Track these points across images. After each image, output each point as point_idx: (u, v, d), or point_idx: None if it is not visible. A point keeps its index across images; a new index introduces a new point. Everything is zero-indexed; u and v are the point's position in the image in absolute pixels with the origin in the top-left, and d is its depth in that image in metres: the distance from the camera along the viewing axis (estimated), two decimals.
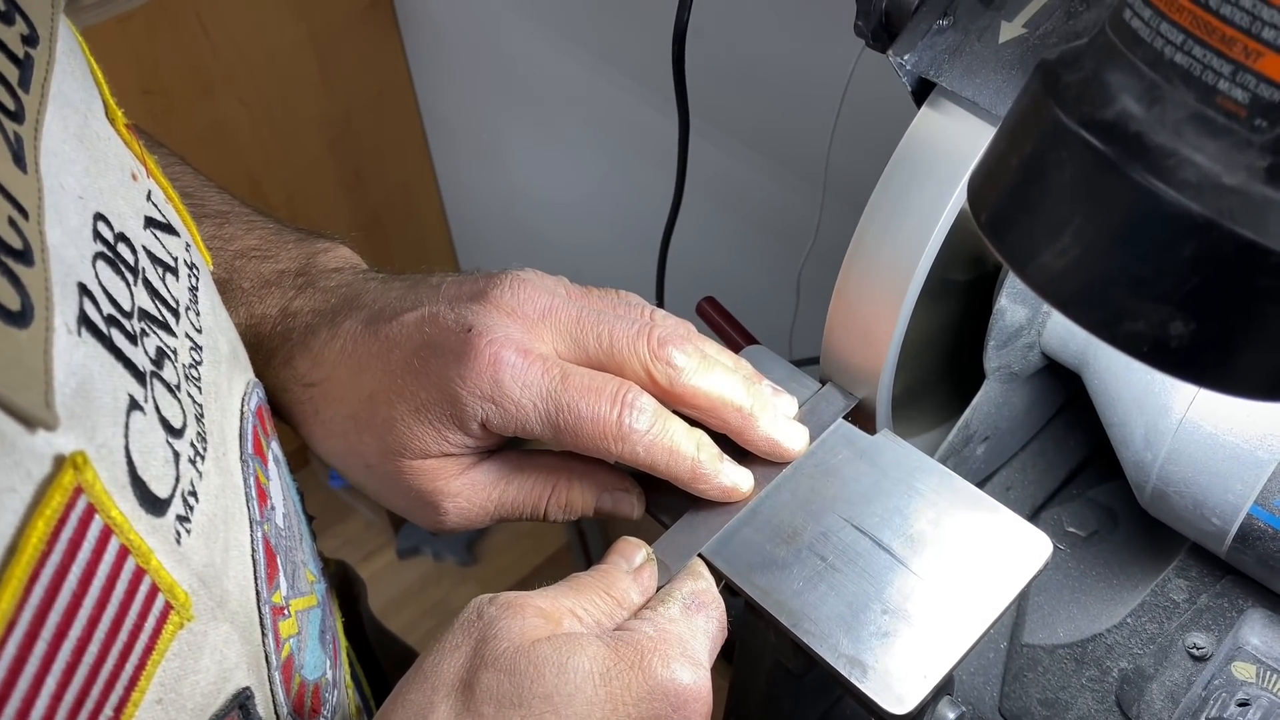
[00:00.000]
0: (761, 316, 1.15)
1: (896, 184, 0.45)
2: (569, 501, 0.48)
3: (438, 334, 0.45)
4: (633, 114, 1.27)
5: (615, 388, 0.44)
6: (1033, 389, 0.58)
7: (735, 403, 0.46)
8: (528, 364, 0.44)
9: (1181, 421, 0.43)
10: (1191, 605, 0.50)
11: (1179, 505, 0.45)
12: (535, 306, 0.45)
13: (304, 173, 1.78)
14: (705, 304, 0.73)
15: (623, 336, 0.45)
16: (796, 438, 0.48)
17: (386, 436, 0.45)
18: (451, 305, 0.46)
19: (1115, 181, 0.28)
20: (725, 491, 0.46)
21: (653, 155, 1.23)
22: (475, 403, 0.43)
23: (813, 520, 0.46)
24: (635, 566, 0.44)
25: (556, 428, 0.44)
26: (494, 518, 0.48)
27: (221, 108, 1.64)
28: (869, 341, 0.48)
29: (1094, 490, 0.64)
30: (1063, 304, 0.30)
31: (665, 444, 0.44)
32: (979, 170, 0.33)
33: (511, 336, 0.44)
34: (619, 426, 0.43)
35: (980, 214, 0.32)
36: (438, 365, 0.44)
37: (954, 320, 0.58)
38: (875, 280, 0.46)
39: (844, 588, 0.44)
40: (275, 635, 0.40)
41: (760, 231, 1.17)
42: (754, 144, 1.12)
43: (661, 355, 0.45)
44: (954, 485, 0.46)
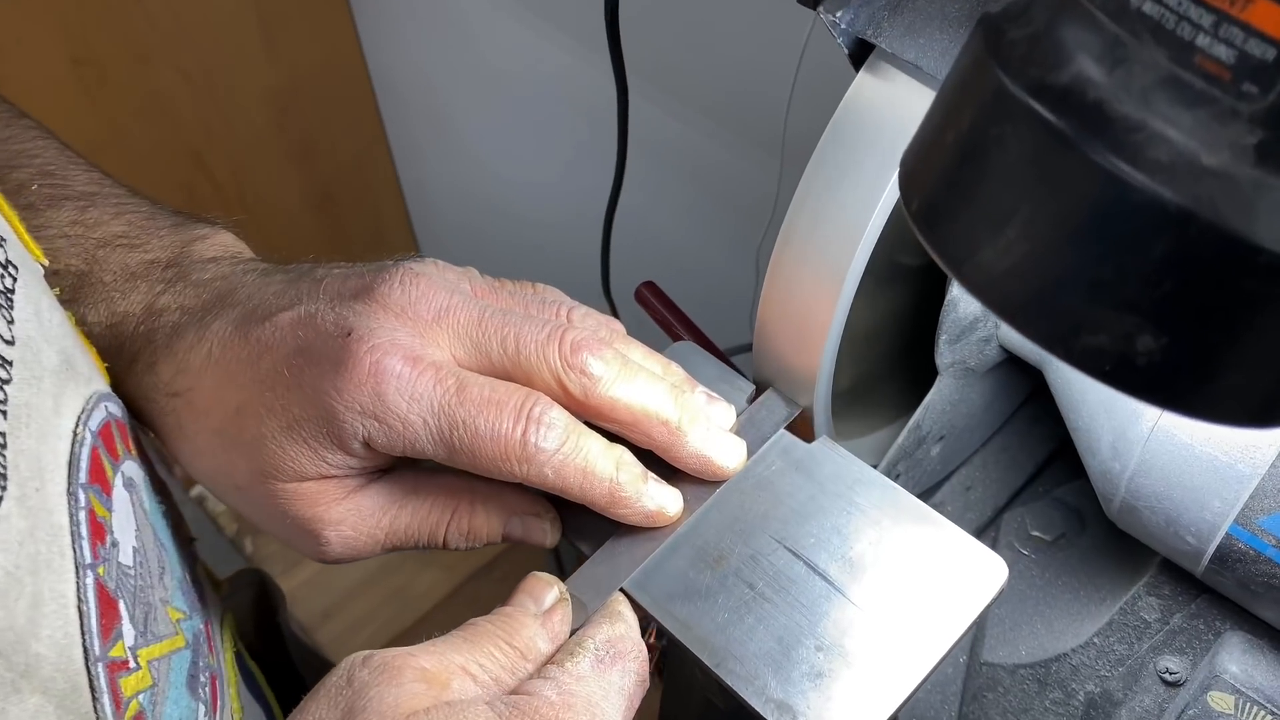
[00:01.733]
0: (719, 297, 1.10)
1: (832, 159, 0.40)
2: (472, 528, 0.42)
3: (313, 338, 0.39)
4: (578, 78, 1.20)
5: (520, 400, 0.38)
6: (992, 383, 0.53)
7: (661, 415, 0.41)
8: (416, 374, 0.38)
9: (1153, 430, 0.38)
10: (1164, 626, 0.45)
11: (1150, 521, 0.40)
12: (430, 305, 0.40)
13: (249, 146, 1.71)
14: (644, 289, 0.67)
15: (531, 341, 0.39)
16: (731, 453, 0.42)
17: (256, 456, 0.39)
18: (332, 304, 0.40)
19: (1070, 162, 0.22)
20: (649, 516, 0.41)
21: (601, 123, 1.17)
22: (355, 419, 0.38)
23: (741, 542, 0.41)
24: (545, 608, 0.38)
25: (451, 447, 0.38)
26: (386, 547, 0.42)
27: (159, 78, 1.56)
28: (805, 336, 0.42)
29: (1061, 489, 0.59)
30: (1007, 312, 0.24)
31: (578, 464, 0.39)
32: (911, 150, 0.27)
33: (398, 341, 0.38)
34: (523, 445, 0.38)
35: (911, 201, 0.27)
36: (312, 375, 0.38)
37: (904, 308, 0.52)
38: (810, 267, 0.41)
39: (774, 620, 0.39)
40: (114, 695, 0.35)
41: (716, 205, 1.11)
42: (704, 109, 1.06)
43: (575, 362, 0.39)
44: (898, 500, 0.41)
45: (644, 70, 1.02)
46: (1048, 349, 0.24)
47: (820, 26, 0.87)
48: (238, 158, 1.71)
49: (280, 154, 1.75)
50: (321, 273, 0.42)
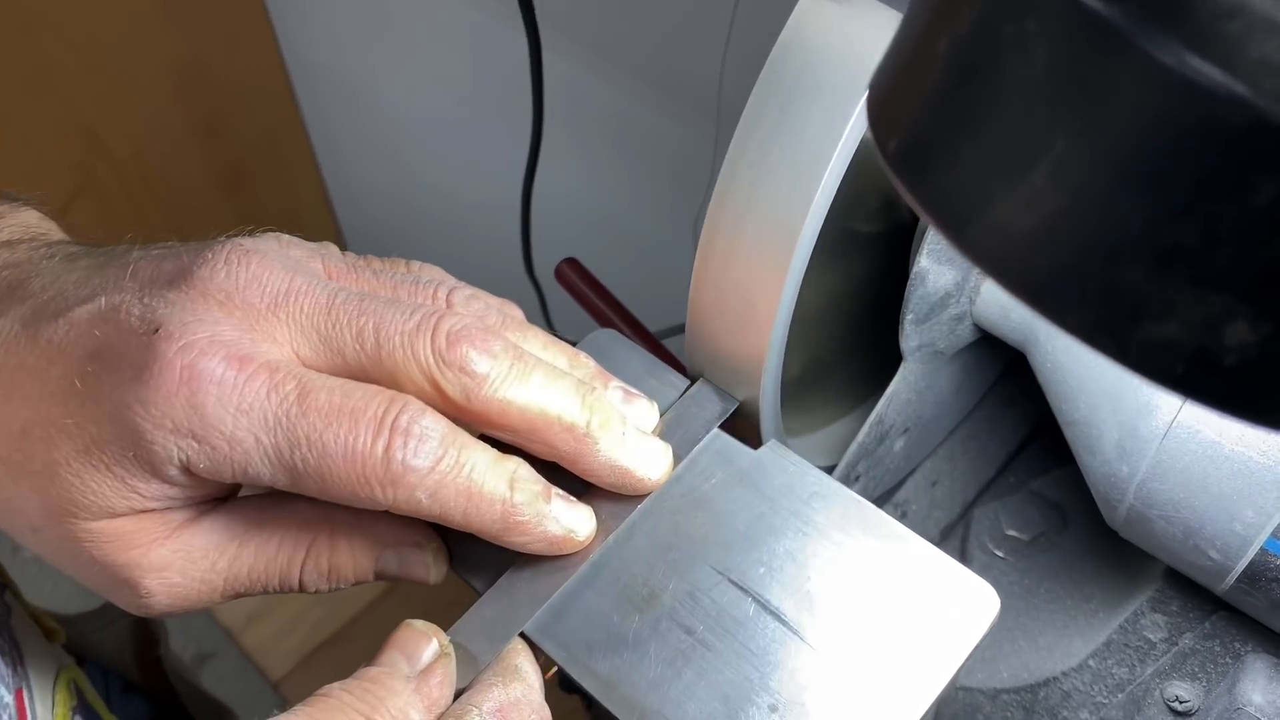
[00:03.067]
0: (652, 275, 1.02)
1: (773, 102, 0.32)
2: (333, 567, 0.34)
3: (113, 338, 0.30)
4: (493, 34, 1.11)
5: (380, 407, 0.30)
6: (961, 365, 0.46)
7: (565, 418, 0.33)
8: (244, 378, 0.30)
9: (1172, 425, 0.31)
10: (1172, 647, 0.38)
11: (1165, 533, 0.33)
12: (265, 290, 0.31)
13: (150, 123, 1.59)
14: (565, 267, 0.59)
15: (395, 331, 0.31)
16: (654, 461, 0.35)
17: (49, 489, 0.31)
18: (140, 294, 0.31)
19: (1128, 68, 0.15)
20: (553, 543, 0.33)
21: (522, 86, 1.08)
22: (166, 439, 0.29)
23: (676, 575, 0.34)
24: (420, 668, 0.31)
25: (294, 471, 0.30)
26: (227, 594, 0.34)
27: (45, 50, 1.44)
28: (747, 319, 0.35)
29: (1037, 480, 0.53)
30: (1033, 291, 0.17)
31: (460, 484, 0.31)
32: (884, 71, 0.20)
33: (220, 338, 0.30)
34: (386, 464, 0.30)
35: (887, 141, 0.19)
36: (110, 384, 0.30)
37: (861, 283, 0.45)
38: (751, 235, 0.33)
39: (718, 673, 0.32)
40: None
41: (647, 174, 1.03)
42: (630, 67, 0.97)
43: (452, 357, 0.31)
44: (864, 517, 0.34)
45: (561, 25, 0.94)
46: (1091, 343, 0.17)
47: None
48: (138, 135, 1.59)
49: (184, 131, 1.63)
50: (136, 255, 0.33)
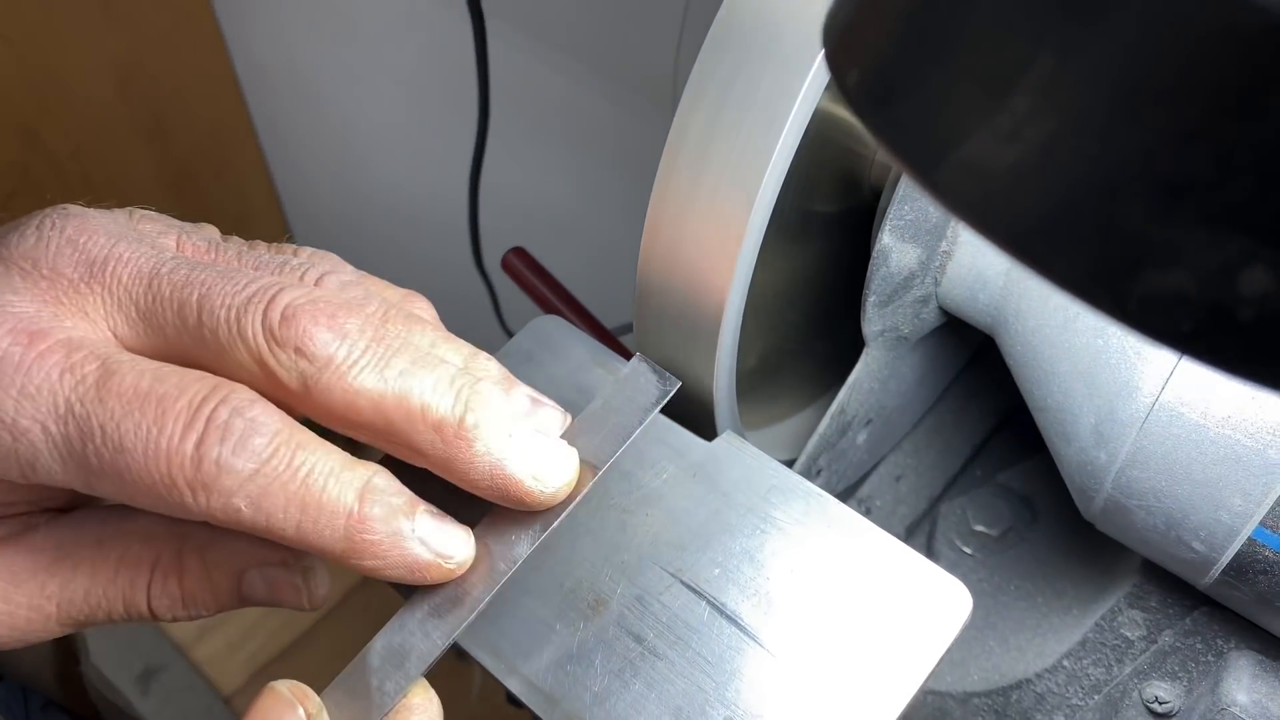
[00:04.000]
0: (606, 263, 0.99)
1: (720, 69, 0.30)
2: (185, 592, 0.29)
3: None
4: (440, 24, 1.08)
5: (197, 395, 0.26)
6: (926, 352, 0.44)
7: (433, 413, 0.27)
8: (33, 356, 0.25)
9: (1154, 407, 0.29)
10: (1151, 645, 0.36)
11: (1145, 524, 0.31)
12: (79, 258, 0.27)
13: (91, 122, 1.54)
14: (512, 256, 0.57)
15: (222, 305, 0.26)
16: (550, 469, 0.29)
17: None
18: None
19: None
20: (416, 569, 0.28)
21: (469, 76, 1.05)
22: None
23: (624, 579, 0.31)
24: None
25: (87, 468, 0.25)
26: (64, 623, 0.29)
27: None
28: (698, 303, 0.32)
29: (1005, 473, 0.51)
30: (1015, 238, 0.15)
31: (293, 492, 0.26)
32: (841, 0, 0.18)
33: (10, 309, 0.26)
34: (197, 465, 0.25)
35: (846, 72, 0.17)
36: None
37: (822, 268, 0.43)
38: (700, 217, 0.31)
39: (669, 683, 0.29)
40: None
41: (600, 164, 1.01)
42: (580, 55, 0.95)
43: (287, 335, 0.26)
44: (826, 512, 0.32)
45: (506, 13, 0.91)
46: (1084, 296, 0.14)
47: None
48: (78, 134, 1.54)
49: (127, 129, 1.58)
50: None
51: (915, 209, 0.33)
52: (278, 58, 1.53)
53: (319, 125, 1.53)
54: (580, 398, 0.35)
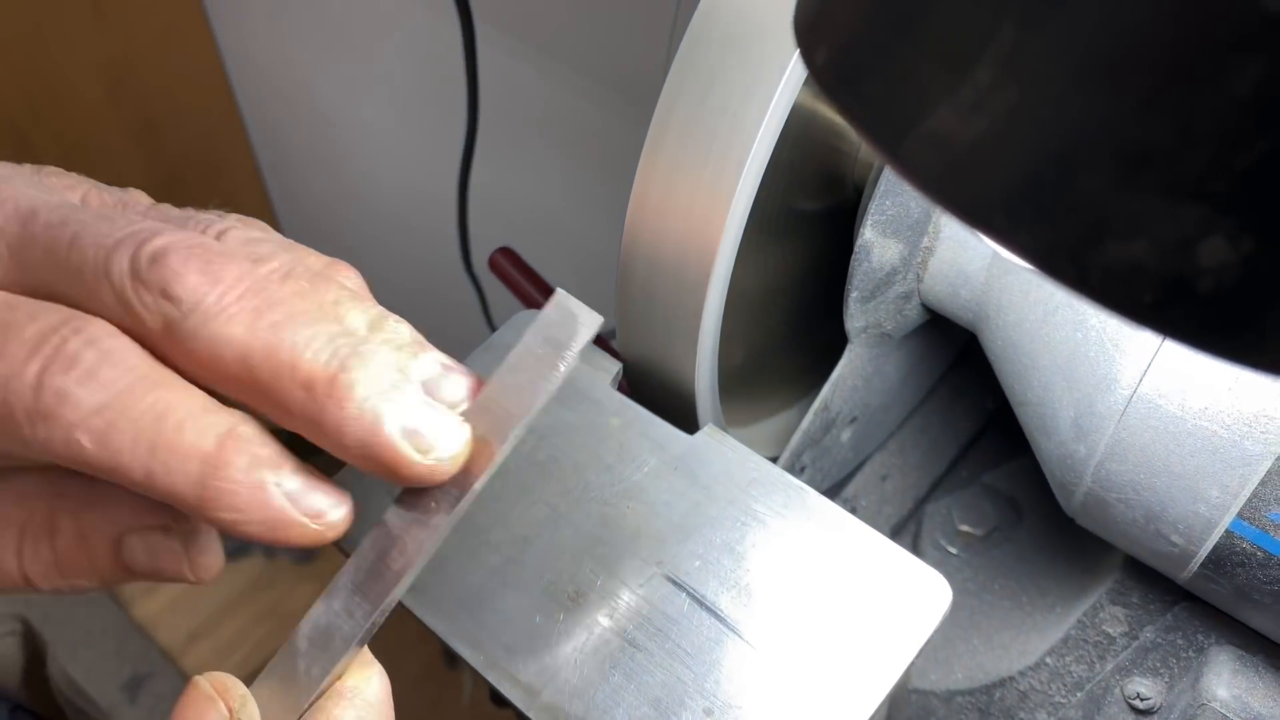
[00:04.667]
0: (590, 264, 0.99)
1: (698, 64, 0.30)
2: (60, 557, 0.26)
3: None
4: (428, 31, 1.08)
5: (47, 324, 0.24)
6: (910, 351, 0.44)
7: (301, 369, 0.24)
8: None
9: (1132, 399, 0.29)
10: (1132, 641, 0.36)
11: (1123, 517, 0.31)
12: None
13: (82, 124, 1.54)
14: (499, 256, 0.57)
15: (92, 244, 0.24)
16: (438, 439, 0.25)
17: None
18: None
19: None
20: (278, 524, 0.25)
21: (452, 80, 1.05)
22: None
23: (605, 571, 0.31)
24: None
25: None
26: None
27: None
28: (679, 297, 0.32)
29: (990, 474, 0.51)
30: (978, 211, 0.15)
31: (143, 429, 0.23)
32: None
33: None
34: (37, 391, 0.23)
35: (815, 51, 0.17)
36: None
37: (805, 265, 0.43)
38: (679, 213, 0.31)
39: (648, 674, 0.29)
40: None
41: (588, 166, 1.01)
42: (568, 60, 0.95)
43: (152, 276, 0.24)
44: (806, 504, 0.32)
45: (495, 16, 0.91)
46: (1047, 269, 0.14)
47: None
48: (69, 136, 1.54)
49: (118, 132, 1.58)
50: None
51: (897, 204, 0.34)
52: (269, 59, 1.53)
53: (310, 127, 1.53)
54: (563, 390, 0.35)
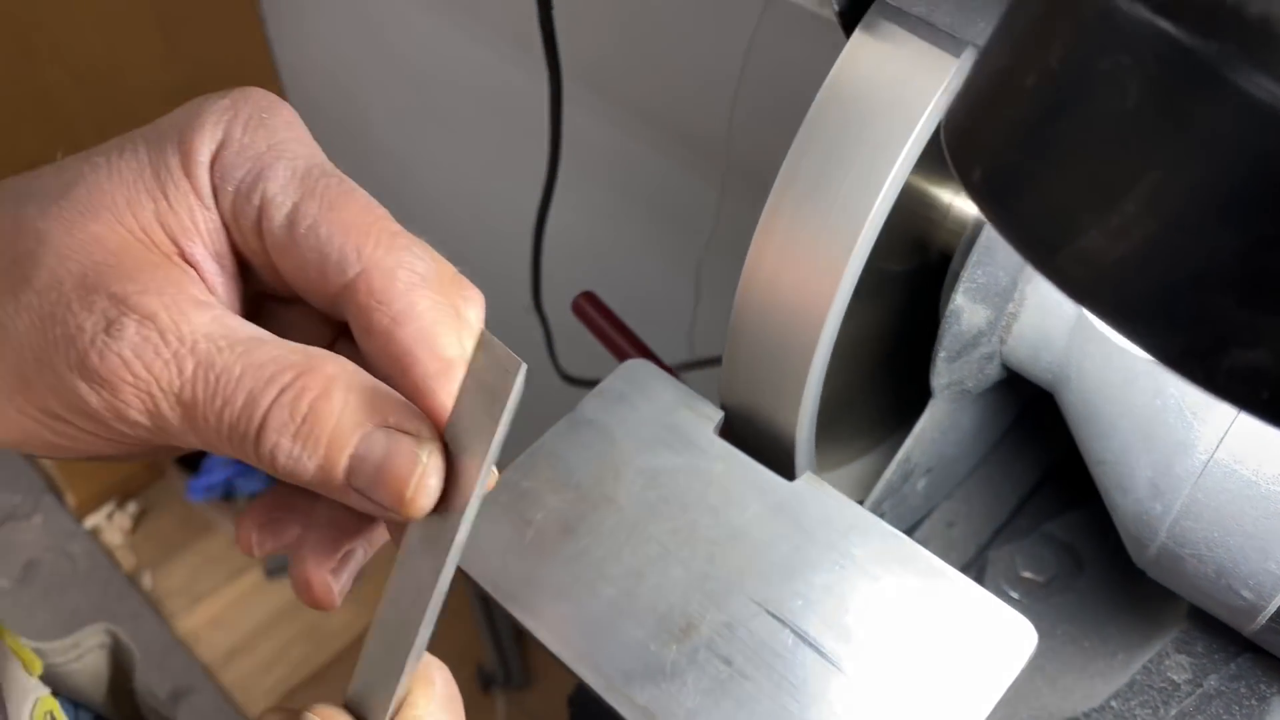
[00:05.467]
0: (656, 310, 1.02)
1: (822, 140, 0.33)
2: (314, 410, 0.26)
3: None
4: (506, 80, 1.13)
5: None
6: (983, 406, 0.47)
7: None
8: (306, 131, 0.30)
9: (1208, 464, 0.31)
10: (1196, 689, 0.39)
11: (1196, 572, 0.34)
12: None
13: None
14: (583, 301, 0.60)
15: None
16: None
17: (73, 189, 0.28)
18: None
19: (1222, 103, 0.16)
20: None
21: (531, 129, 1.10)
22: (219, 116, 0.29)
23: (713, 606, 0.34)
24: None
25: (310, 193, 0.28)
26: (180, 399, 0.27)
27: (46, 75, 1.44)
28: (788, 350, 0.35)
29: (1050, 523, 0.53)
30: (1120, 317, 0.17)
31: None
32: (964, 102, 0.21)
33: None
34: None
35: (970, 170, 0.20)
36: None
37: (886, 322, 0.46)
38: (798, 267, 0.34)
39: (757, 704, 0.32)
40: None
41: (654, 215, 1.04)
42: (642, 113, 0.99)
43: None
44: (901, 551, 0.34)
45: (573, 70, 0.95)
46: (1176, 368, 0.17)
47: (766, 22, 0.81)
48: None
49: None
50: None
51: (987, 273, 0.36)
52: (329, 94, 1.58)
53: (368, 162, 1.58)
54: (670, 435, 0.38)
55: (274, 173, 0.27)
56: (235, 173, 0.27)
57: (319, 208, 0.27)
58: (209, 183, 0.27)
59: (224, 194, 0.28)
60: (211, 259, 0.28)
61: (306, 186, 0.27)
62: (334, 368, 0.26)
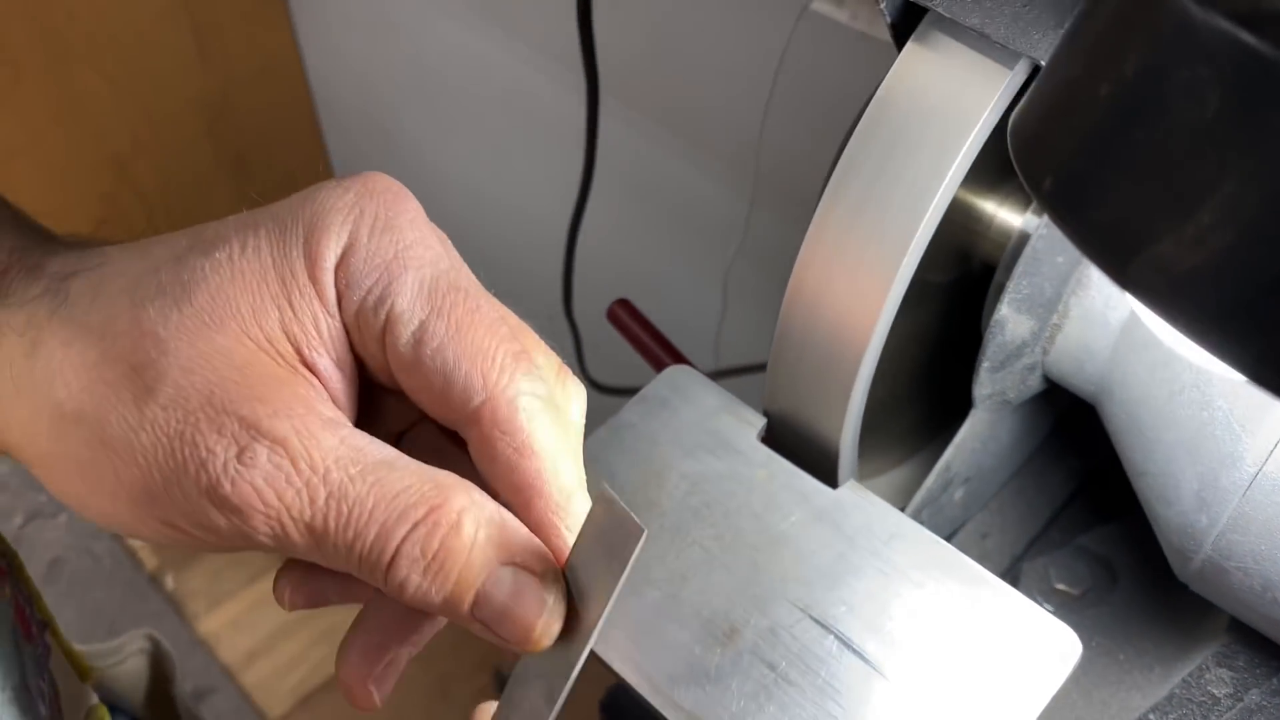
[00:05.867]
0: (683, 321, 1.03)
1: (874, 150, 0.33)
2: (446, 546, 0.27)
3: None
4: (539, 91, 1.13)
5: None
6: (1022, 417, 0.47)
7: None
8: (431, 229, 0.30)
9: (1257, 477, 0.31)
10: (1237, 703, 0.39)
11: (1241, 586, 0.34)
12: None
13: (179, 157, 1.61)
14: (617, 308, 0.60)
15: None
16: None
17: (195, 296, 0.28)
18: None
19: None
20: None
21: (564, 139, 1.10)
22: (344, 216, 0.29)
23: (757, 611, 0.34)
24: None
25: (437, 310, 0.29)
26: (310, 527, 0.28)
27: (80, 81, 1.46)
28: (834, 363, 0.35)
29: (1084, 536, 0.53)
30: (1195, 324, 0.18)
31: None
32: (1032, 111, 0.21)
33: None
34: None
35: (1040, 179, 0.20)
36: (300, 195, 0.30)
37: (926, 332, 0.46)
38: (844, 288, 0.34)
39: (800, 708, 0.32)
40: None
41: (682, 226, 1.05)
42: (674, 126, 0.99)
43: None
44: (945, 559, 0.34)
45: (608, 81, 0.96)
46: (1251, 374, 0.17)
47: (798, 36, 0.81)
48: (166, 170, 1.61)
49: (211, 166, 1.65)
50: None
51: (1032, 284, 0.37)
52: (359, 103, 1.59)
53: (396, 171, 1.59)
54: (711, 440, 0.38)
55: (402, 285, 0.27)
56: (363, 281, 0.27)
57: (447, 329, 0.27)
58: (334, 289, 0.28)
59: (349, 301, 0.28)
60: (334, 365, 0.28)
61: (434, 303, 0.27)
62: (463, 499, 0.27)
